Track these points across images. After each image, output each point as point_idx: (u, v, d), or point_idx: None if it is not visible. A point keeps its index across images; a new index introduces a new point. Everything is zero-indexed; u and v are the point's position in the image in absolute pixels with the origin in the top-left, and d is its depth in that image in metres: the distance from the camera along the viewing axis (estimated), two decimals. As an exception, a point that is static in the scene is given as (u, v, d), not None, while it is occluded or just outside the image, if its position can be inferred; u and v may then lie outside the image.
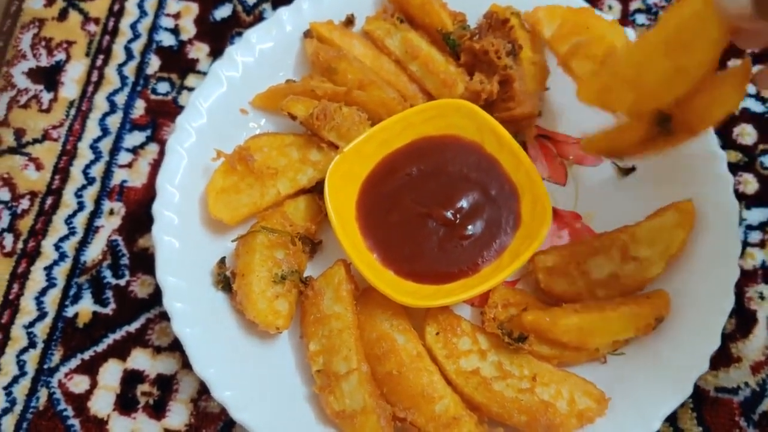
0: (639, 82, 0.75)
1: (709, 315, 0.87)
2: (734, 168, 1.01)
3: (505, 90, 0.99)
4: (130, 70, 1.12)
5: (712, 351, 0.85)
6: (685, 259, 0.92)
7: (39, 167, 1.05)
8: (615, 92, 0.78)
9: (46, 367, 0.94)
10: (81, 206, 1.03)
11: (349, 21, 1.07)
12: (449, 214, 0.92)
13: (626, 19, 1.15)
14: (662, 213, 0.93)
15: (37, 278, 0.99)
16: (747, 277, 0.97)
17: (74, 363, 0.94)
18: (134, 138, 1.08)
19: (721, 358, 0.92)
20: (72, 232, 1.01)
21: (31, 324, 0.96)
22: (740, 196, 0.98)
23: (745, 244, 0.99)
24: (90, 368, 0.94)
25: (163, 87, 1.11)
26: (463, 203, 0.93)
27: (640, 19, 1.15)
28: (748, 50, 0.85)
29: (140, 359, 0.95)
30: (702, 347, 0.86)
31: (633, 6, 1.16)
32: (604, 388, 0.86)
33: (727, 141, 1.05)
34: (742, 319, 0.95)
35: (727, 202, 0.92)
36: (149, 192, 1.03)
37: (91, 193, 1.04)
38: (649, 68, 0.74)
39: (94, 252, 1.00)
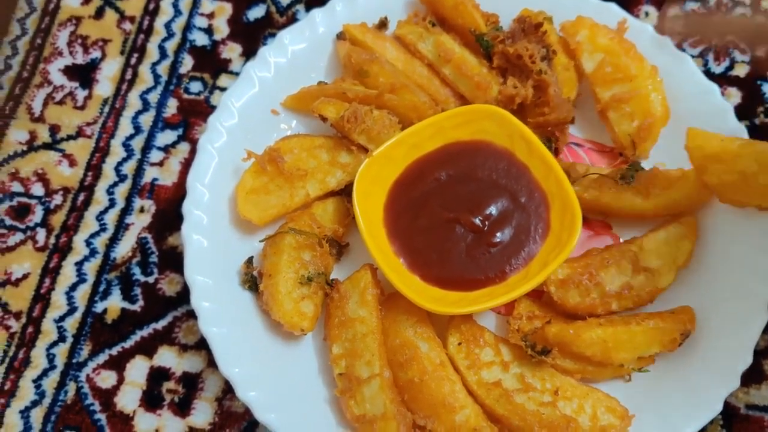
0: (747, 175, 0.82)
1: (742, 331, 0.86)
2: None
3: (539, 95, 0.98)
4: (163, 69, 1.13)
5: (743, 368, 0.84)
6: (719, 275, 0.91)
7: (72, 163, 1.07)
8: (719, 164, 0.85)
9: (74, 361, 0.95)
10: (112, 203, 1.04)
11: (383, 24, 1.06)
12: (477, 221, 0.92)
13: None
14: (665, 226, 0.93)
15: (68, 273, 1.00)
16: (782, 293, 0.94)
17: (102, 358, 0.96)
18: (166, 136, 1.09)
19: (753, 375, 0.90)
20: (103, 228, 1.03)
21: (62, 318, 0.98)
22: (777, 210, 0.96)
23: (781, 259, 0.96)
24: (117, 364, 0.95)
25: (195, 86, 1.12)
26: (492, 210, 0.92)
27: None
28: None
29: (167, 357, 0.96)
30: (733, 364, 0.84)
31: (669, 14, 1.14)
32: (628, 404, 0.85)
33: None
34: (776, 336, 0.93)
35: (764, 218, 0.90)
36: (179, 190, 1.04)
37: (122, 191, 1.05)
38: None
39: (123, 249, 1.02)
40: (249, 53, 1.14)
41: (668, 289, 0.90)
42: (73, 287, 0.99)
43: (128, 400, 0.94)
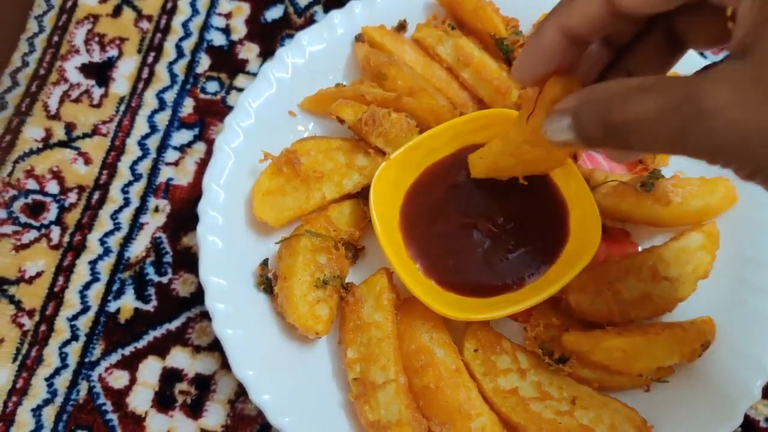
0: (522, 161, 0.82)
1: (762, 342, 0.85)
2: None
3: (558, 100, 0.97)
4: (180, 69, 1.13)
5: (764, 380, 0.83)
6: (737, 284, 0.90)
7: (88, 162, 1.07)
8: (503, 169, 0.87)
9: (87, 360, 0.95)
10: (127, 202, 1.04)
11: (402, 26, 1.05)
12: (495, 226, 0.91)
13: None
14: (686, 235, 0.91)
15: (81, 272, 1.00)
16: (803, 304, 0.93)
17: (115, 358, 0.95)
18: (182, 136, 1.08)
19: (773, 387, 0.89)
20: (117, 227, 1.02)
21: (75, 317, 0.97)
22: (798, 220, 0.95)
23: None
24: (130, 364, 0.95)
25: (212, 86, 1.11)
26: (510, 216, 0.91)
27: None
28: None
29: (179, 358, 0.95)
30: (754, 376, 0.83)
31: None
32: (646, 415, 0.83)
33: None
34: (797, 347, 0.92)
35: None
36: (194, 191, 1.04)
37: (137, 190, 1.05)
38: (525, 153, 0.81)
39: (138, 248, 1.01)
40: (266, 54, 1.13)
41: (688, 299, 0.89)
42: (87, 286, 0.99)
43: (140, 400, 0.93)
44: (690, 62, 0.97)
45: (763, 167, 0.52)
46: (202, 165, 1.05)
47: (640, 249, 0.96)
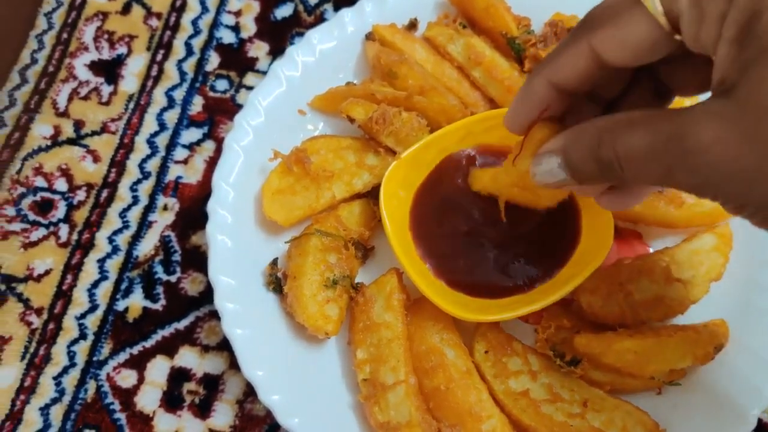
0: (524, 185, 0.82)
1: (776, 345, 0.84)
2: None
3: (569, 100, 0.96)
4: (189, 66, 1.12)
5: (777, 384, 0.82)
6: (750, 287, 0.89)
7: (96, 159, 1.06)
8: (505, 194, 0.86)
9: (95, 359, 0.95)
10: (135, 200, 1.03)
11: (412, 25, 1.05)
12: (506, 227, 0.90)
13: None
14: (699, 236, 0.90)
15: (90, 270, 0.99)
16: (817, 307, 0.92)
17: (123, 357, 0.95)
18: (191, 134, 1.08)
19: (786, 391, 0.88)
20: (126, 225, 1.02)
21: (83, 315, 0.97)
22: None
23: (816, 272, 0.94)
24: (138, 363, 0.94)
25: (221, 84, 1.11)
26: (521, 216, 0.90)
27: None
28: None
29: (188, 357, 0.95)
30: (766, 379, 0.82)
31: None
32: (658, 419, 0.82)
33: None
34: (810, 351, 0.91)
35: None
36: (203, 189, 1.03)
37: (145, 188, 1.04)
38: (516, 196, 0.84)
39: (146, 247, 1.01)
40: (276, 52, 1.13)
41: (701, 301, 0.88)
42: (95, 284, 0.99)
43: (148, 400, 0.93)
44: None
45: (748, 203, 0.54)
46: (212, 163, 1.05)
47: (651, 251, 0.95)
